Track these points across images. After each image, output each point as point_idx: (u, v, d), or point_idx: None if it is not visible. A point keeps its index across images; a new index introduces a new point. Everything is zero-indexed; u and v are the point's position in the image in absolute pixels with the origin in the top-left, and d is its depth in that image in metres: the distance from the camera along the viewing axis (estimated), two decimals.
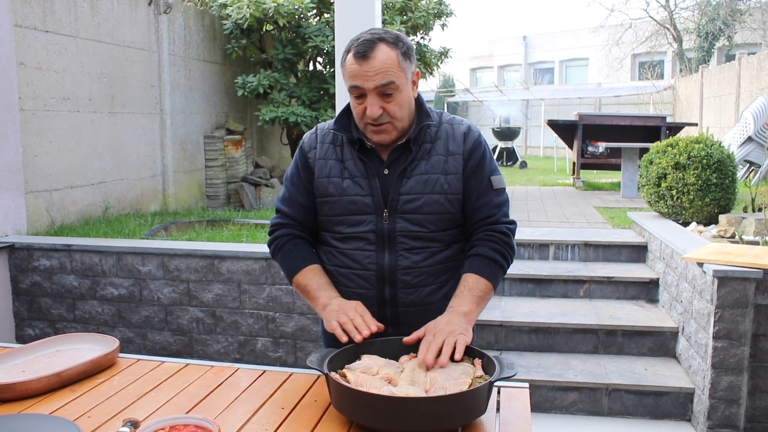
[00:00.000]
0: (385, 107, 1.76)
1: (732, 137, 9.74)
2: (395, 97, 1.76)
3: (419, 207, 1.82)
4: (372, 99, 1.75)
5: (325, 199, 1.88)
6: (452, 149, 1.85)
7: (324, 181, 1.87)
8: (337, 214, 1.87)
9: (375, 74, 1.72)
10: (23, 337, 4.92)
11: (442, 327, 1.65)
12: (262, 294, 4.54)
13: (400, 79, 1.76)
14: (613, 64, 23.00)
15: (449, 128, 1.89)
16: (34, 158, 5.70)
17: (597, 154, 10.52)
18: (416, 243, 1.84)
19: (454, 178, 1.83)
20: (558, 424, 3.90)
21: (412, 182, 1.82)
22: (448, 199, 1.83)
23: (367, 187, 1.83)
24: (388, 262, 1.84)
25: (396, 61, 1.75)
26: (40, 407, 1.59)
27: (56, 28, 5.99)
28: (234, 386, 1.70)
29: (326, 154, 1.90)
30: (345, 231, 1.87)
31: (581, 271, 5.02)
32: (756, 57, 11.59)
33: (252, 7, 8.30)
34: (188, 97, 8.25)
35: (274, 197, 8.72)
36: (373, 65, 1.72)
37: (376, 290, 1.86)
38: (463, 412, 1.38)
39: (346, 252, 1.88)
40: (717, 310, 3.58)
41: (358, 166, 1.85)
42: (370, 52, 1.73)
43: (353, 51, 1.75)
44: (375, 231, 1.84)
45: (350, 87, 1.76)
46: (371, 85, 1.73)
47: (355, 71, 1.74)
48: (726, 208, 5.54)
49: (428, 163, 1.83)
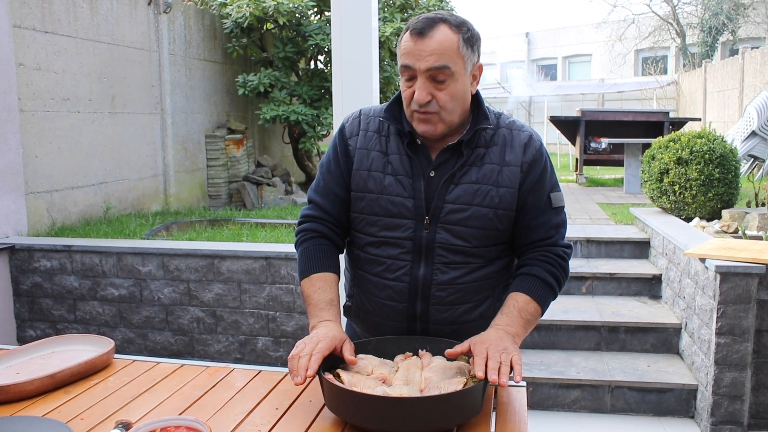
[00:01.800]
0: (435, 94, 1.58)
1: (736, 132, 9.70)
2: (448, 85, 1.58)
3: (464, 219, 1.64)
4: (422, 82, 1.57)
5: (361, 194, 1.71)
6: (509, 159, 1.66)
7: (363, 174, 1.70)
8: (374, 214, 1.70)
9: (429, 54, 1.55)
10: (24, 338, 4.92)
11: (494, 342, 1.49)
12: (262, 293, 4.53)
13: (457, 66, 1.57)
14: (616, 59, 22.95)
15: (507, 134, 1.69)
16: (34, 159, 5.69)
17: (600, 150, 10.49)
18: (456, 257, 1.67)
19: (506, 192, 1.65)
20: (560, 421, 3.89)
21: (460, 190, 1.64)
22: (498, 214, 1.65)
23: (410, 188, 1.66)
24: (423, 275, 1.67)
25: (456, 45, 1.57)
26: (33, 409, 1.57)
27: (55, 28, 5.99)
28: (229, 387, 1.69)
29: (369, 143, 1.72)
30: (379, 234, 1.70)
31: (583, 268, 5.00)
32: (759, 51, 11.54)
33: (252, 5, 8.30)
34: (189, 96, 8.25)
35: (275, 196, 8.71)
36: (429, 44, 1.55)
37: (407, 304, 1.70)
38: (458, 411, 1.36)
39: (379, 259, 1.71)
40: (720, 306, 3.55)
41: (404, 163, 1.67)
42: (428, 31, 1.56)
43: (411, 28, 1.59)
44: (413, 239, 1.67)
45: (401, 66, 1.60)
46: (423, 66, 1.56)
47: (408, 49, 1.58)
48: (729, 203, 5.51)
49: (480, 171, 1.65)
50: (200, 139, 8.53)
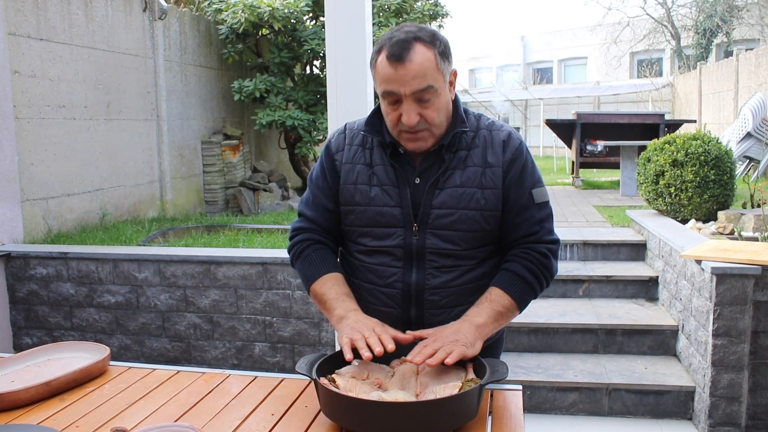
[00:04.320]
0: (423, 113, 1.59)
1: (731, 133, 9.72)
2: (433, 102, 1.60)
3: (452, 223, 1.66)
4: (408, 105, 1.58)
5: (350, 208, 1.73)
6: (491, 161, 1.67)
7: (350, 188, 1.72)
8: (363, 225, 1.72)
9: (412, 78, 1.55)
10: (21, 346, 4.90)
11: (447, 335, 1.54)
12: (259, 299, 4.53)
13: (439, 83, 1.59)
14: (611, 62, 23.03)
15: (487, 135, 1.71)
16: (30, 166, 5.69)
17: (596, 153, 10.51)
18: (447, 261, 1.69)
19: (491, 194, 1.66)
20: (558, 424, 3.88)
21: (445, 195, 1.66)
22: (484, 216, 1.67)
23: (396, 197, 1.68)
24: (415, 280, 1.69)
25: (434, 62, 1.57)
26: (28, 417, 1.57)
27: (50, 35, 5.99)
28: (225, 393, 1.69)
29: (354, 157, 1.74)
30: (370, 244, 1.73)
31: (580, 271, 5.00)
32: (754, 53, 11.58)
33: (247, 11, 8.30)
34: (185, 102, 8.25)
35: (272, 202, 8.71)
36: (411, 69, 1.55)
37: (402, 310, 1.72)
38: (454, 416, 1.35)
39: (371, 267, 1.74)
40: (716, 308, 3.56)
41: (389, 173, 1.69)
42: (407, 54, 1.55)
43: (386, 52, 1.57)
44: (403, 246, 1.69)
45: (384, 92, 1.60)
46: (408, 91, 1.56)
47: (389, 75, 1.57)
48: (725, 205, 5.52)
49: (463, 175, 1.66)
50: (196, 145, 8.52)
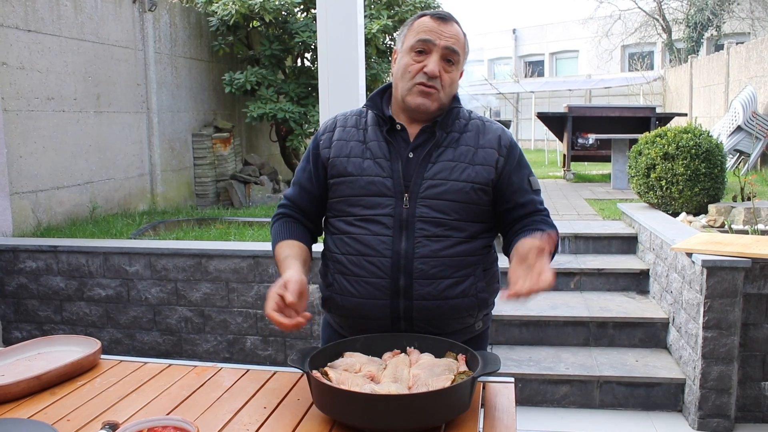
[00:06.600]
0: (442, 74, 1.77)
1: (722, 127, 9.77)
2: (452, 70, 1.79)
3: (442, 193, 1.75)
4: (436, 57, 1.76)
5: (342, 179, 1.81)
6: (483, 143, 1.81)
7: (343, 160, 1.81)
8: (354, 195, 1.79)
9: (449, 36, 1.77)
10: (10, 340, 4.87)
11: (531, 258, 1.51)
12: (250, 292, 4.52)
13: (461, 60, 1.81)
14: (603, 55, 23.04)
15: (480, 124, 1.85)
16: (18, 159, 5.64)
17: (587, 146, 10.53)
18: (436, 230, 1.74)
19: (482, 169, 1.77)
20: (550, 417, 3.90)
21: (438, 167, 1.76)
22: (474, 188, 1.76)
23: (388, 169, 1.77)
24: (404, 248, 1.74)
25: (464, 41, 1.82)
26: (18, 411, 1.56)
27: (39, 27, 5.93)
28: (217, 386, 1.68)
29: (348, 135, 1.85)
30: (360, 213, 1.78)
31: (571, 264, 5.02)
32: (744, 46, 11.61)
33: (238, 3, 8.26)
34: (175, 95, 8.20)
35: (263, 195, 8.68)
36: (450, 29, 1.78)
37: (390, 279, 1.74)
38: (446, 408, 1.36)
39: (360, 237, 1.78)
40: (706, 300, 3.58)
41: (382, 148, 1.79)
42: (449, 19, 1.80)
43: (431, 14, 1.80)
44: (393, 215, 1.75)
45: (417, 41, 1.76)
46: (443, 43, 1.76)
47: (430, 27, 1.77)
48: (715, 198, 5.55)
49: (455, 152, 1.78)
50: (187, 138, 8.48)
